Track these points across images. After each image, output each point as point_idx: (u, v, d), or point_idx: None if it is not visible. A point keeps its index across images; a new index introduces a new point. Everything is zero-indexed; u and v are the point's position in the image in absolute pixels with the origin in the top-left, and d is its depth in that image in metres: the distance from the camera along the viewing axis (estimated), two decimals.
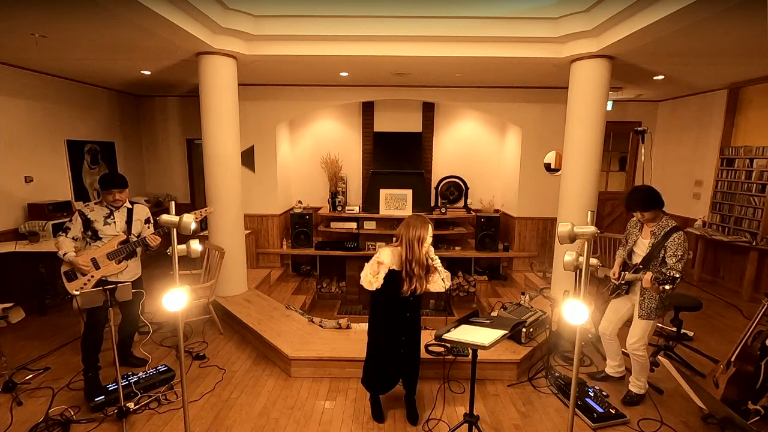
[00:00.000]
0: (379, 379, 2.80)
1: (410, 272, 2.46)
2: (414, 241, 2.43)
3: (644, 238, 2.87)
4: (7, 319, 4.21)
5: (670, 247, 2.68)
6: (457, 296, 6.29)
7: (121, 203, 3.11)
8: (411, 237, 2.44)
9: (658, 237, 2.75)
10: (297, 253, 6.36)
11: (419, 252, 2.44)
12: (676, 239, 2.67)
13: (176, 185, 7.31)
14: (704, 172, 6.02)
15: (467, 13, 3.89)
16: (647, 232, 2.85)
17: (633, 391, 3.03)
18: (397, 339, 2.68)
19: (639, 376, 3.00)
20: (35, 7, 3.00)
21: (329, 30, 4.04)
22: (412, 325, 2.71)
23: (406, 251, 2.45)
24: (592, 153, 4.33)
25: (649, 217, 2.79)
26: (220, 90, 4.35)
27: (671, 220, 2.80)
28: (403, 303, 2.61)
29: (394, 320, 2.66)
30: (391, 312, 2.64)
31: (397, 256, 2.49)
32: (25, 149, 4.91)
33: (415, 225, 2.46)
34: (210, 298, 4.04)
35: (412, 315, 2.68)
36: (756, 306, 3.03)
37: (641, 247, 2.88)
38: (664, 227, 2.75)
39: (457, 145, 6.94)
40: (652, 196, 2.75)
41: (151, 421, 2.80)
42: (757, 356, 2.71)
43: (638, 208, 2.79)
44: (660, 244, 2.73)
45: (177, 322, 2.41)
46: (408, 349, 2.72)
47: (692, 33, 3.35)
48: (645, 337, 2.87)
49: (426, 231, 2.46)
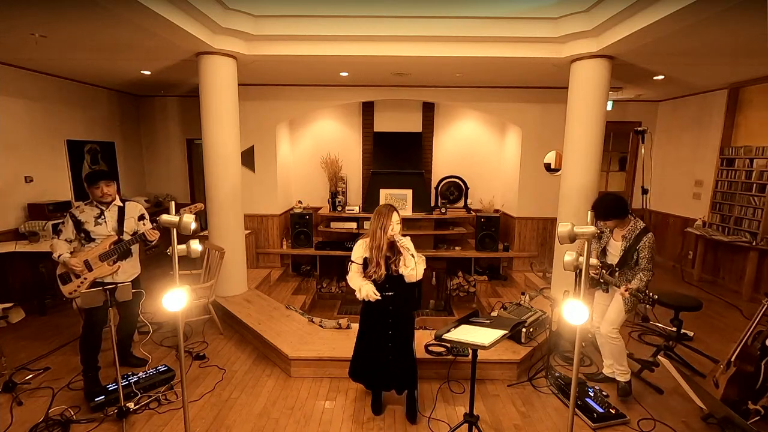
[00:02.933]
0: (365, 378, 2.87)
1: (371, 258, 2.60)
2: (377, 230, 2.58)
3: (616, 240, 2.97)
4: (7, 319, 4.21)
5: (642, 249, 2.80)
6: (457, 296, 6.29)
7: (110, 198, 3.07)
8: (375, 226, 2.59)
9: (629, 241, 2.86)
10: (297, 253, 6.36)
11: (381, 239, 2.57)
12: (646, 242, 2.79)
13: (176, 185, 7.31)
14: (704, 172, 6.02)
15: (467, 13, 3.89)
16: (618, 235, 2.94)
17: (621, 381, 3.08)
18: (384, 345, 2.69)
19: (620, 360, 3.05)
20: (35, 7, 3.00)
21: (329, 30, 4.04)
22: (397, 325, 2.68)
23: (370, 239, 2.62)
24: (592, 153, 4.33)
25: (611, 225, 2.92)
26: (220, 90, 4.35)
27: (639, 221, 2.89)
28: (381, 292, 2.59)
29: (378, 314, 2.69)
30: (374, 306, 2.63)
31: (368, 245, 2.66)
32: (25, 149, 4.91)
33: (381, 213, 2.61)
34: (210, 298, 4.04)
35: (394, 311, 2.66)
36: (756, 306, 3.03)
37: (614, 249, 2.98)
38: (634, 230, 2.87)
39: (457, 145, 6.94)
40: (613, 206, 2.85)
41: (151, 421, 2.80)
42: (757, 356, 2.71)
43: (599, 217, 2.89)
44: (632, 247, 2.84)
45: (177, 322, 2.40)
46: (397, 355, 2.70)
47: (692, 33, 3.36)
48: (619, 323, 2.98)
49: (389, 219, 2.58)
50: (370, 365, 2.79)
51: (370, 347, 2.77)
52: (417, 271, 2.54)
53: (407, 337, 2.75)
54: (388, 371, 2.74)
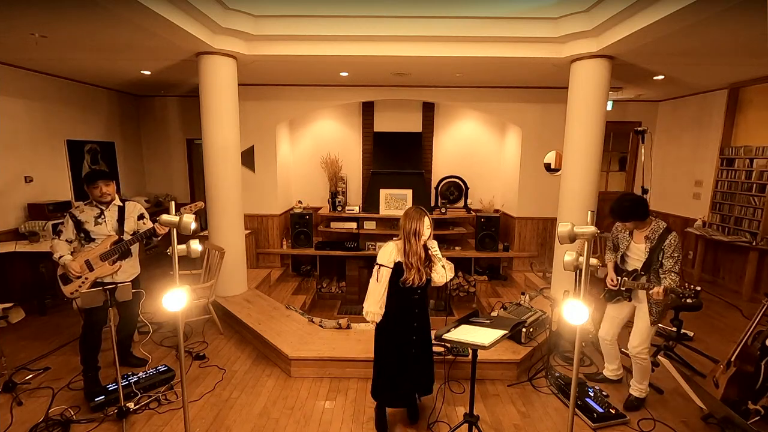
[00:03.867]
0: (392, 391, 2.71)
1: (409, 264, 2.53)
2: (411, 235, 2.50)
3: (637, 242, 2.83)
4: (7, 319, 4.21)
5: (668, 249, 2.66)
6: (457, 296, 6.29)
7: (109, 197, 3.06)
8: (408, 230, 2.52)
9: (653, 241, 2.73)
10: (297, 253, 6.36)
11: (416, 244, 2.52)
12: (672, 241, 2.66)
13: (176, 185, 7.31)
14: (704, 172, 6.02)
15: (467, 13, 3.89)
16: (640, 237, 2.81)
17: (634, 395, 2.98)
18: (408, 338, 2.63)
19: (641, 379, 2.95)
20: (35, 7, 2.99)
21: (329, 30, 4.04)
22: (420, 323, 2.65)
23: (405, 244, 2.54)
24: (592, 153, 4.33)
25: (630, 226, 2.80)
26: (220, 90, 4.35)
27: (660, 221, 2.78)
28: (411, 295, 2.57)
29: (403, 313, 2.61)
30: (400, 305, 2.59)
31: (400, 249, 2.57)
32: (25, 149, 4.91)
33: (412, 217, 2.53)
34: (210, 298, 4.04)
35: (420, 311, 2.63)
36: (756, 306, 3.03)
37: (637, 253, 2.84)
38: (657, 230, 2.74)
39: (457, 145, 6.94)
40: (633, 207, 2.70)
41: (151, 421, 2.80)
42: (757, 356, 2.71)
43: (618, 219, 2.78)
44: (657, 247, 2.70)
45: (177, 322, 2.40)
46: (419, 350, 2.65)
47: (692, 33, 3.35)
48: (649, 340, 2.85)
49: (422, 223, 2.51)
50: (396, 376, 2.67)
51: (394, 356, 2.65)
52: (447, 278, 2.59)
53: (429, 337, 2.72)
54: (413, 378, 2.67)
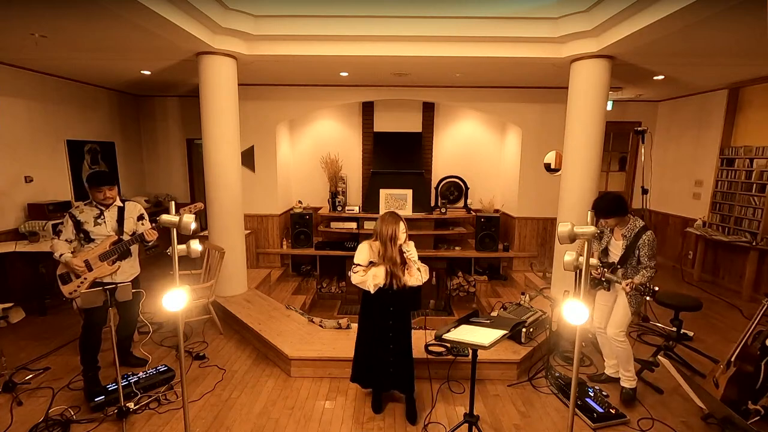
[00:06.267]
0: (367, 379, 2.90)
1: (386, 268, 2.64)
2: (387, 240, 2.62)
3: (616, 239, 3.02)
4: (7, 319, 4.21)
5: (642, 247, 2.84)
6: (457, 296, 6.29)
7: (111, 201, 3.07)
8: (384, 236, 2.62)
9: (629, 239, 2.91)
10: (297, 253, 6.36)
11: (392, 249, 2.63)
12: (646, 240, 2.84)
13: (176, 185, 7.31)
14: (704, 172, 6.02)
15: (467, 13, 3.89)
16: (619, 233, 2.99)
17: (626, 387, 3.06)
18: (385, 345, 2.75)
19: (626, 365, 3.04)
20: (35, 7, 2.99)
21: (329, 30, 4.04)
22: (398, 325, 2.75)
23: (381, 248, 2.65)
24: (592, 153, 4.33)
25: (611, 223, 2.97)
26: (220, 90, 4.35)
27: (638, 220, 2.95)
28: (384, 294, 2.68)
29: (379, 313, 2.73)
30: (376, 305, 2.72)
31: (375, 249, 2.69)
32: (25, 149, 4.90)
33: (389, 223, 2.63)
34: (210, 298, 4.04)
35: (395, 310, 2.73)
36: (756, 306, 3.03)
37: (616, 248, 3.02)
38: (633, 229, 2.92)
39: (457, 145, 6.94)
40: (614, 205, 2.88)
41: (151, 421, 2.80)
42: (757, 356, 2.71)
43: (600, 215, 2.94)
44: (633, 245, 2.89)
45: (177, 322, 2.40)
46: (397, 356, 2.76)
47: (692, 33, 3.36)
48: (626, 326, 3.01)
49: (398, 228, 2.63)
50: (372, 367, 2.82)
51: (372, 347, 2.79)
52: (421, 280, 2.68)
53: (407, 336, 2.79)
54: (389, 372, 2.78)
